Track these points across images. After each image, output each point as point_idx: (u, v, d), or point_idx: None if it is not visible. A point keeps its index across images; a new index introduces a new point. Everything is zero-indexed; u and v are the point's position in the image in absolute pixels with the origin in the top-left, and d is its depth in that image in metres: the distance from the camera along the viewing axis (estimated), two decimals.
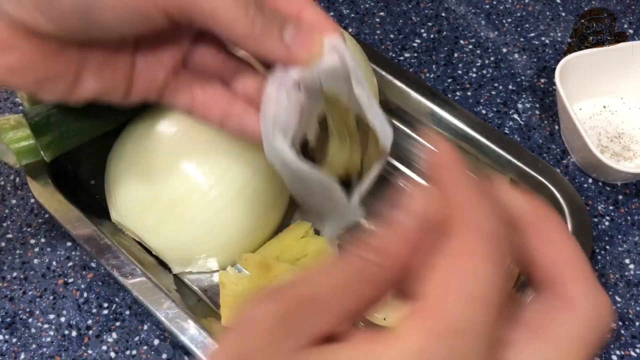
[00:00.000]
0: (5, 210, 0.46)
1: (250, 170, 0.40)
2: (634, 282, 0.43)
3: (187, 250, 0.40)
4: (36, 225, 0.45)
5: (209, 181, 0.38)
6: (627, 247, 0.45)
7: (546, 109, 0.52)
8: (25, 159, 0.40)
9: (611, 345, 0.41)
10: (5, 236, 0.45)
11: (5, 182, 0.48)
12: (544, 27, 0.57)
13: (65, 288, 0.43)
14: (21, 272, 0.43)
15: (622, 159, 0.48)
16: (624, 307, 0.42)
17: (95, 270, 0.43)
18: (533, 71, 0.54)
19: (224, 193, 0.39)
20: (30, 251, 0.44)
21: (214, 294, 0.42)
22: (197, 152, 0.39)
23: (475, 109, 0.52)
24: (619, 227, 0.46)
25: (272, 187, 0.42)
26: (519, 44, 0.56)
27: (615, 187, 0.48)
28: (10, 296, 0.42)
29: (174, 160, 0.39)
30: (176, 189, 0.38)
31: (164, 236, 0.39)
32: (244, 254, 0.41)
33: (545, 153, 0.49)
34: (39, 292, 0.43)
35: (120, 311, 0.42)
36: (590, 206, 0.47)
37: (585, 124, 0.50)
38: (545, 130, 0.51)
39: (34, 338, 0.41)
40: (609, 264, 0.44)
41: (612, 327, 0.31)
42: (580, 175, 0.48)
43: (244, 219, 0.40)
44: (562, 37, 0.56)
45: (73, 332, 0.41)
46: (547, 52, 0.56)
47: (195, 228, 0.39)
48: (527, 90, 0.53)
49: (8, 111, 0.52)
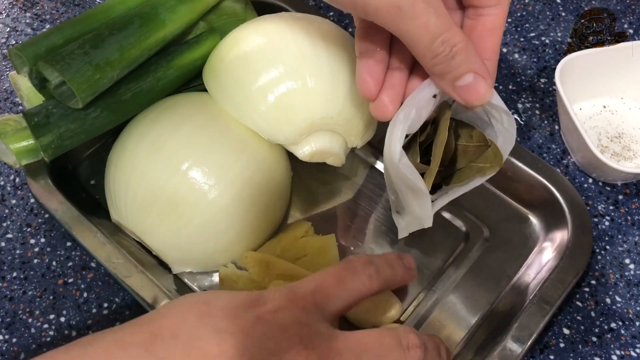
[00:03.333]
0: (5, 210, 0.46)
1: (250, 170, 0.40)
2: (634, 282, 0.43)
3: (187, 250, 0.40)
4: (36, 225, 0.45)
5: (209, 181, 0.38)
6: (627, 247, 0.45)
7: (546, 109, 0.52)
8: (25, 159, 0.40)
9: (611, 345, 0.41)
10: (5, 236, 0.45)
11: (5, 182, 0.48)
12: (544, 27, 0.57)
13: (65, 288, 0.43)
14: (21, 272, 0.43)
15: (622, 159, 0.48)
16: (624, 307, 0.42)
17: (95, 270, 0.43)
18: (533, 71, 0.54)
19: (224, 193, 0.39)
20: (30, 251, 0.44)
21: None
22: (197, 152, 0.39)
23: None
24: (619, 227, 0.46)
25: (272, 188, 0.42)
26: (519, 43, 0.56)
27: (615, 187, 0.48)
28: (10, 296, 0.42)
29: (174, 160, 0.39)
30: (176, 189, 0.38)
31: (164, 236, 0.39)
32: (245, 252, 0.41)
33: (545, 153, 0.49)
34: (39, 292, 0.43)
35: (120, 311, 0.42)
36: (590, 206, 0.47)
37: (585, 124, 0.50)
38: (545, 130, 0.51)
39: (34, 338, 0.41)
40: (609, 264, 0.44)
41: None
42: (580, 175, 0.48)
43: (244, 219, 0.40)
44: (562, 37, 0.56)
45: (73, 332, 0.41)
46: (547, 52, 0.56)
47: (195, 228, 0.39)
48: (527, 90, 0.53)
49: (8, 111, 0.52)
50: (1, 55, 0.55)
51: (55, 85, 0.39)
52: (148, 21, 0.41)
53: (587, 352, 0.40)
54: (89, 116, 0.39)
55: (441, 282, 0.43)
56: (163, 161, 0.39)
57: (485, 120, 0.35)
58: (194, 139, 0.39)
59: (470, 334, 0.41)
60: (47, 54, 0.38)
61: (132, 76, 0.41)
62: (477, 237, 0.45)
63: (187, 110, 0.41)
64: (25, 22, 0.58)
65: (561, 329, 0.41)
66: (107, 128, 0.41)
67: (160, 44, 0.42)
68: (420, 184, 0.33)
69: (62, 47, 0.39)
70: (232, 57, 0.41)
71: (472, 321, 0.41)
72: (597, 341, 0.41)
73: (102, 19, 0.42)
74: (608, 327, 0.41)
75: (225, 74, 0.41)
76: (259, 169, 0.40)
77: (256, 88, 0.40)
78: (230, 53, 0.42)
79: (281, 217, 0.45)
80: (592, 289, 0.43)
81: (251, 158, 0.40)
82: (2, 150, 0.41)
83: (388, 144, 0.33)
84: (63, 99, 0.39)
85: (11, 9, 0.59)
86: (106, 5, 0.42)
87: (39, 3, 0.59)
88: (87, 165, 0.48)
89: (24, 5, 0.59)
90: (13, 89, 0.52)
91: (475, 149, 0.36)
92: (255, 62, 0.40)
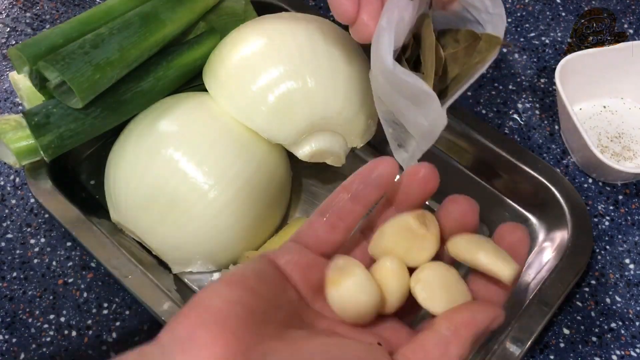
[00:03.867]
0: (5, 210, 0.46)
1: (250, 170, 0.40)
2: (634, 282, 0.43)
3: (187, 250, 0.40)
4: (36, 225, 0.45)
5: (208, 181, 0.38)
6: (627, 247, 0.45)
7: (546, 109, 0.52)
8: (25, 159, 0.40)
9: (611, 345, 0.41)
10: (5, 236, 0.45)
11: (5, 182, 0.48)
12: (544, 27, 0.57)
13: (65, 288, 0.43)
14: (21, 272, 0.43)
15: (622, 159, 0.48)
16: (624, 307, 0.42)
17: (95, 270, 0.43)
18: (533, 71, 0.54)
19: (223, 193, 0.39)
20: (30, 251, 0.44)
21: None
22: (197, 152, 0.39)
23: (475, 109, 0.52)
24: (619, 227, 0.46)
25: (272, 187, 0.42)
26: (519, 44, 0.56)
27: (615, 187, 0.48)
28: (10, 296, 0.42)
29: (174, 160, 0.39)
30: (176, 189, 0.38)
31: (164, 236, 0.39)
32: (245, 252, 0.41)
33: (545, 153, 0.49)
34: (39, 292, 0.43)
35: (120, 311, 0.42)
36: (590, 206, 0.47)
37: (585, 124, 0.50)
38: (545, 130, 0.51)
39: (34, 338, 0.41)
40: (609, 263, 0.44)
41: None
42: (580, 175, 0.48)
43: (244, 219, 0.40)
44: (562, 37, 0.56)
45: (73, 332, 0.41)
46: (547, 52, 0.56)
47: (195, 228, 0.39)
48: (527, 90, 0.53)
49: (8, 111, 0.52)
50: (1, 55, 0.55)
51: (56, 85, 0.39)
52: (148, 21, 0.41)
53: (587, 352, 0.40)
54: (89, 116, 0.39)
55: None
56: (163, 161, 0.39)
57: (468, 18, 0.33)
58: (194, 139, 0.39)
59: None
60: (47, 54, 0.38)
61: (132, 76, 0.41)
62: None
63: (187, 110, 0.41)
64: (25, 22, 0.58)
65: (561, 329, 0.41)
66: (107, 128, 0.41)
67: (160, 44, 0.42)
68: (423, 86, 0.30)
69: (62, 47, 0.39)
70: (232, 57, 0.41)
71: None
72: (597, 341, 0.41)
73: (102, 19, 0.42)
74: (608, 327, 0.41)
75: (225, 74, 0.41)
76: (259, 169, 0.40)
77: (256, 88, 0.40)
78: (230, 53, 0.42)
79: (281, 217, 0.45)
80: (592, 289, 0.43)
81: (251, 158, 0.40)
82: (2, 150, 0.41)
83: (376, 56, 0.30)
84: (63, 98, 0.39)
85: (11, 9, 0.59)
86: (106, 5, 0.42)
87: (39, 3, 0.59)
88: (87, 165, 0.48)
89: (24, 5, 0.59)
90: (13, 89, 0.52)
91: (464, 51, 0.34)
92: (255, 62, 0.40)
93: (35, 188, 0.43)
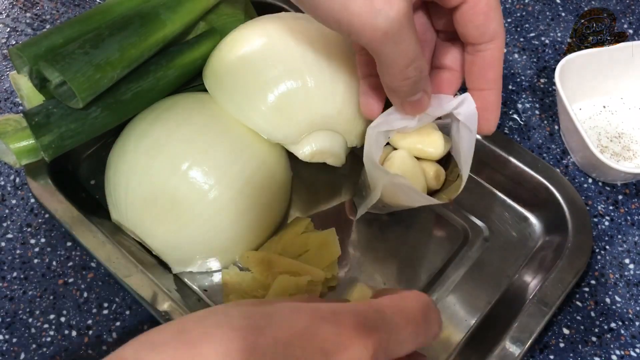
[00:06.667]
0: (5, 210, 0.46)
1: (251, 170, 0.40)
2: (634, 282, 0.43)
3: (187, 250, 0.40)
4: (36, 225, 0.45)
5: (208, 181, 0.38)
6: (627, 247, 0.45)
7: (546, 109, 0.52)
8: (25, 159, 0.40)
9: (611, 345, 0.41)
10: (5, 236, 0.45)
11: (5, 182, 0.48)
12: (544, 27, 0.57)
13: (65, 288, 0.43)
14: (21, 272, 0.43)
15: (622, 159, 0.48)
16: (624, 307, 0.42)
17: (95, 270, 0.44)
18: (533, 71, 0.54)
19: (223, 193, 0.39)
20: (30, 251, 0.44)
21: (214, 293, 0.42)
22: (197, 152, 0.39)
23: None
24: (619, 227, 0.46)
25: (272, 187, 0.42)
26: (519, 44, 0.56)
27: (615, 187, 0.48)
28: (10, 296, 0.42)
29: (174, 160, 0.39)
30: (176, 188, 0.38)
31: (164, 236, 0.39)
32: (245, 252, 0.41)
33: (545, 153, 0.49)
34: (39, 292, 0.43)
35: (120, 311, 0.42)
36: (590, 206, 0.47)
37: (585, 124, 0.50)
38: (545, 130, 0.51)
39: (34, 338, 0.41)
40: (609, 263, 0.44)
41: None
42: (580, 175, 0.48)
43: (244, 219, 0.40)
44: (562, 37, 0.56)
45: (73, 332, 0.41)
46: (547, 52, 0.56)
47: (195, 228, 0.39)
48: (527, 90, 0.53)
49: (8, 111, 0.52)
50: (1, 55, 0.55)
51: (56, 85, 0.39)
52: (148, 21, 0.41)
53: (587, 352, 0.40)
54: (89, 116, 0.39)
55: (440, 282, 0.43)
56: (163, 161, 0.39)
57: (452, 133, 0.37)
58: (194, 139, 0.39)
59: (470, 334, 0.41)
60: (48, 54, 0.38)
61: (132, 76, 0.41)
62: (477, 237, 0.45)
63: (187, 110, 0.41)
64: (26, 22, 0.58)
65: (561, 329, 0.41)
66: (107, 128, 0.41)
67: (160, 44, 0.42)
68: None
69: (63, 47, 0.39)
70: (232, 57, 0.41)
71: (471, 321, 0.41)
72: (597, 341, 0.41)
73: (102, 19, 0.42)
74: (608, 327, 0.41)
75: (226, 73, 0.41)
76: (259, 168, 0.40)
77: (256, 88, 0.40)
78: (230, 53, 0.42)
79: (281, 217, 0.45)
80: (592, 289, 0.43)
81: (251, 158, 0.40)
82: (2, 150, 0.41)
83: (370, 152, 0.35)
84: (63, 98, 0.39)
85: (11, 9, 0.59)
86: (106, 5, 0.42)
87: (39, 3, 0.59)
88: (87, 165, 0.48)
89: (24, 5, 0.59)
90: (13, 89, 0.52)
91: (450, 183, 0.37)
92: (255, 62, 0.40)
93: (35, 188, 0.43)
